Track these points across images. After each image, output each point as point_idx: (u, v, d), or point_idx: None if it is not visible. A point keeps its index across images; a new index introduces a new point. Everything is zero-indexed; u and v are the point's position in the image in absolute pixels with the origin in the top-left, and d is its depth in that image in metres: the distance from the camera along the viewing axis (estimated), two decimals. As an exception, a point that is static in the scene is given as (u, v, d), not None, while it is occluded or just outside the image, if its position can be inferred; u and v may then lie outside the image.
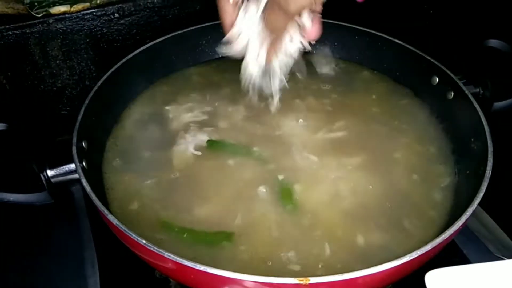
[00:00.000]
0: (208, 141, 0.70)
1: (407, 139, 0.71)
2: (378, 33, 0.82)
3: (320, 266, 0.55)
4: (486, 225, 0.73)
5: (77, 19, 0.82)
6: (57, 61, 0.84)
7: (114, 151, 0.70)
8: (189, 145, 0.70)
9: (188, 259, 0.47)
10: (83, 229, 0.73)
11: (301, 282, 0.44)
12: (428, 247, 0.48)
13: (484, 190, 0.55)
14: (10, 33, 0.78)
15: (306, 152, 0.69)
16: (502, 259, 0.65)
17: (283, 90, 0.70)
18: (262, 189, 0.63)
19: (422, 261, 0.51)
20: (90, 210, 0.75)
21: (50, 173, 0.61)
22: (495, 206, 0.69)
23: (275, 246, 0.57)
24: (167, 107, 0.77)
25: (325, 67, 0.84)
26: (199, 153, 0.68)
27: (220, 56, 0.87)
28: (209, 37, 0.86)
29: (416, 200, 0.63)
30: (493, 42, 0.78)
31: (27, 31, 0.79)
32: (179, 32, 0.83)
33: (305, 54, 0.67)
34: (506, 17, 0.87)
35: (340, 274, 0.45)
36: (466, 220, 0.52)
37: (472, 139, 0.65)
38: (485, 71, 0.75)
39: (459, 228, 0.52)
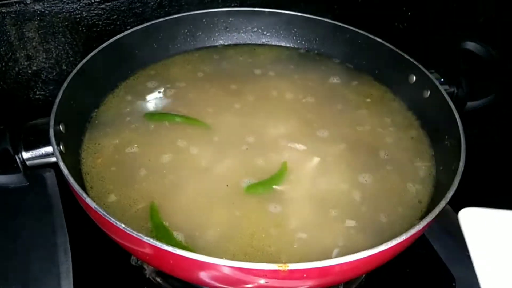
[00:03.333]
0: (145, 114, 0.72)
1: (383, 133, 0.73)
2: (359, 31, 0.83)
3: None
4: (453, 222, 0.75)
5: (56, 1, 0.80)
6: (33, 43, 0.82)
7: (92, 136, 0.69)
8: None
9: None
10: (55, 215, 0.72)
11: (280, 268, 0.45)
12: (403, 237, 0.50)
13: (457, 185, 0.57)
14: (-15, 12, 0.76)
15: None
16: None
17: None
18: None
19: (396, 252, 0.53)
20: (64, 196, 0.73)
21: (25, 155, 0.60)
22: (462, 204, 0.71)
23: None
24: (146, 96, 0.77)
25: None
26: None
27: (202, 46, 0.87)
28: (191, 26, 0.86)
29: (392, 194, 0.65)
30: (469, 45, 0.80)
31: (3, 10, 0.77)
32: (161, 20, 0.82)
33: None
34: (481, 21, 0.90)
35: (317, 261, 0.46)
36: (438, 213, 0.54)
37: (446, 136, 0.67)
38: (460, 72, 0.78)
39: (431, 221, 0.53)
